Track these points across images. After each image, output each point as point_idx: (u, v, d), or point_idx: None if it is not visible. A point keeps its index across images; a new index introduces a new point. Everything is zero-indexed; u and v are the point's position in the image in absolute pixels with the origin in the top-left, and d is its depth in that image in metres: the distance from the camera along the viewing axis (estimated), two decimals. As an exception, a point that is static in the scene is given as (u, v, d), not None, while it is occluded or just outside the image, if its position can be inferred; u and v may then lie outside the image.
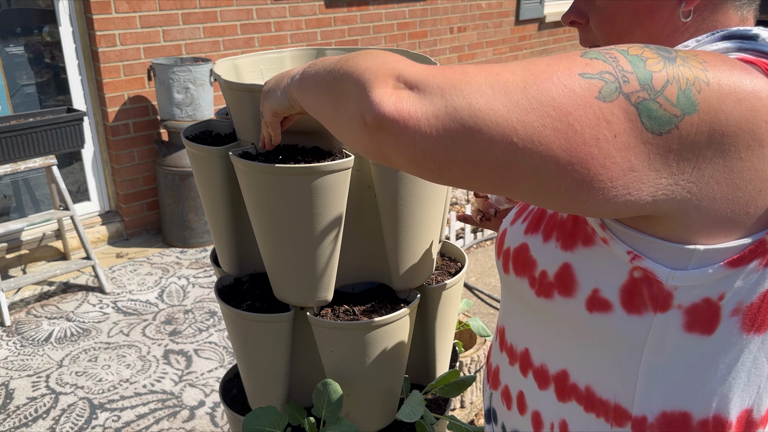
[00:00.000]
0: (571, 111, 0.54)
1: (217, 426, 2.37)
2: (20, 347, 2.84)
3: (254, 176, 1.10)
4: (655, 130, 0.56)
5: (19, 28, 3.51)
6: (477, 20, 5.59)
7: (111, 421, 2.38)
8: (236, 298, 1.30)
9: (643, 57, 0.58)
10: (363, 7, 4.71)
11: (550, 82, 0.55)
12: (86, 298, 3.25)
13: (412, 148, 0.55)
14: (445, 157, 0.55)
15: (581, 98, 0.55)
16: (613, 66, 0.57)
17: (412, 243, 1.23)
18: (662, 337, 0.66)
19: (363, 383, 1.25)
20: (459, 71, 0.56)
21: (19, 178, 3.65)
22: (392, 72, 0.57)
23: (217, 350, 2.82)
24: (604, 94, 0.55)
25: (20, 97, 3.57)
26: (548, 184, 0.56)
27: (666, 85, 0.56)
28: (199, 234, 3.80)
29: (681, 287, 0.63)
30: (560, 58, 0.58)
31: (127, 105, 3.75)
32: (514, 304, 0.81)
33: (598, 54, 0.58)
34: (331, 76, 0.66)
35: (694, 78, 0.57)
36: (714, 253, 0.61)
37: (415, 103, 0.55)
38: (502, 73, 0.56)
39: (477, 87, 0.54)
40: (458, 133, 0.54)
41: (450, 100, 0.54)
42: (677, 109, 0.56)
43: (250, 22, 4.12)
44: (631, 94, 0.55)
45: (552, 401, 0.76)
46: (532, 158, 0.54)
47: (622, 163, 0.55)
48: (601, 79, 0.56)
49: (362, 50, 0.69)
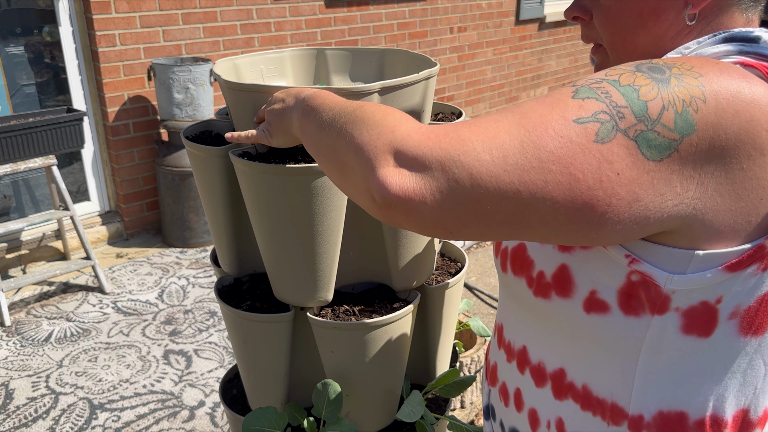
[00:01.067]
0: (571, 162, 0.55)
1: (217, 426, 2.37)
2: (20, 347, 2.84)
3: (254, 176, 1.10)
4: (655, 158, 0.56)
5: (19, 28, 3.51)
6: (477, 20, 5.58)
7: (111, 422, 2.38)
8: (236, 298, 1.30)
9: (636, 85, 0.57)
10: (363, 7, 4.71)
11: (547, 136, 0.56)
12: (86, 298, 3.25)
13: (422, 221, 0.58)
14: (455, 224, 0.57)
15: (579, 146, 0.55)
16: (606, 103, 0.57)
17: (412, 243, 1.23)
18: (659, 339, 0.66)
19: (363, 383, 1.25)
20: (455, 138, 0.57)
21: (19, 178, 3.64)
22: (390, 148, 0.59)
23: (217, 350, 2.82)
24: (602, 136, 0.56)
25: (20, 97, 3.57)
26: (558, 229, 0.58)
27: (662, 112, 0.56)
28: (199, 234, 3.79)
29: (679, 291, 0.63)
30: (553, 104, 0.58)
31: (127, 105, 3.75)
32: (512, 302, 0.81)
33: (590, 91, 0.58)
34: (329, 140, 0.68)
35: (690, 98, 0.57)
36: (713, 258, 0.61)
37: (418, 181, 0.56)
38: (498, 135, 0.56)
39: (475, 155, 0.55)
40: (464, 203, 0.56)
41: (451, 173, 0.56)
42: (675, 134, 0.56)
43: (250, 22, 4.12)
44: (628, 129, 0.56)
45: (549, 399, 0.76)
46: (539, 213, 0.56)
47: (627, 197, 0.56)
48: (597, 120, 0.56)
49: (352, 108, 0.69)
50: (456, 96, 5.58)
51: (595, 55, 0.79)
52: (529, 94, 6.41)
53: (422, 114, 1.23)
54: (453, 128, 0.58)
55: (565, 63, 6.78)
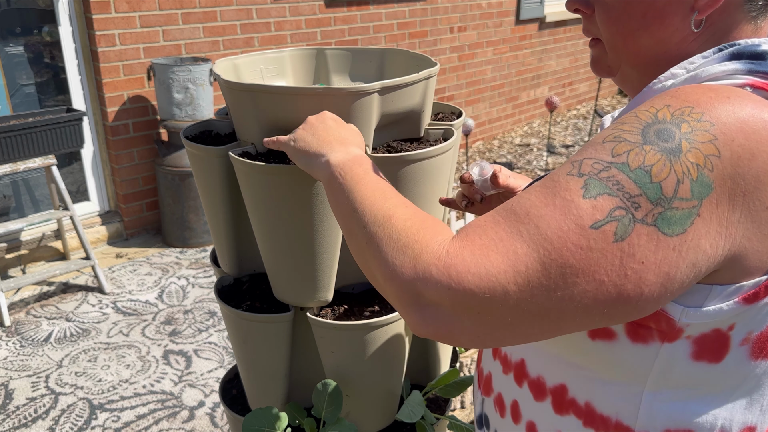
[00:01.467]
0: (594, 269, 0.55)
1: (216, 426, 2.36)
2: (20, 347, 2.84)
3: (254, 176, 1.10)
4: (678, 231, 0.55)
5: (19, 28, 3.51)
6: (477, 20, 5.58)
7: (110, 422, 2.37)
8: (236, 298, 1.30)
9: (647, 166, 0.55)
10: (363, 6, 4.71)
11: (567, 252, 0.55)
12: (86, 298, 3.25)
13: (460, 345, 0.62)
14: (496, 343, 0.61)
15: (600, 251, 0.55)
16: (620, 197, 0.55)
17: (413, 243, 1.23)
18: (669, 365, 0.65)
19: (363, 383, 1.25)
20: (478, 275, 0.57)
21: (18, 178, 3.64)
22: (414, 288, 0.61)
23: (217, 350, 2.82)
24: (620, 234, 0.55)
25: (20, 97, 3.57)
26: (600, 323, 0.58)
27: (677, 186, 0.55)
28: (198, 234, 3.79)
29: (693, 324, 0.62)
30: (565, 209, 0.56)
31: (127, 105, 3.74)
32: None
33: (601, 186, 0.56)
34: (357, 239, 0.72)
35: (704, 159, 0.55)
36: (730, 291, 0.60)
37: (448, 321, 0.59)
38: (518, 261, 0.56)
39: (501, 291, 0.56)
40: (498, 331, 0.58)
41: (479, 314, 0.58)
42: (694, 201, 0.55)
43: (250, 21, 4.12)
44: (645, 217, 0.55)
45: (549, 413, 0.74)
46: (573, 321, 0.57)
47: (658, 279, 0.55)
48: (612, 219, 0.55)
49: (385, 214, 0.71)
50: (456, 96, 5.58)
51: (593, 49, 0.77)
52: (529, 94, 6.41)
53: (422, 114, 1.23)
54: (474, 260, 0.58)
55: (566, 63, 6.78)
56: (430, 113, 1.28)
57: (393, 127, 1.21)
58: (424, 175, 1.16)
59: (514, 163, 5.26)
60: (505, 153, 5.59)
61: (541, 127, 6.34)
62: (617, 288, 0.55)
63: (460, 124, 1.31)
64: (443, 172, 1.21)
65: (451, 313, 0.59)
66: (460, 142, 2.45)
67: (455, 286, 0.57)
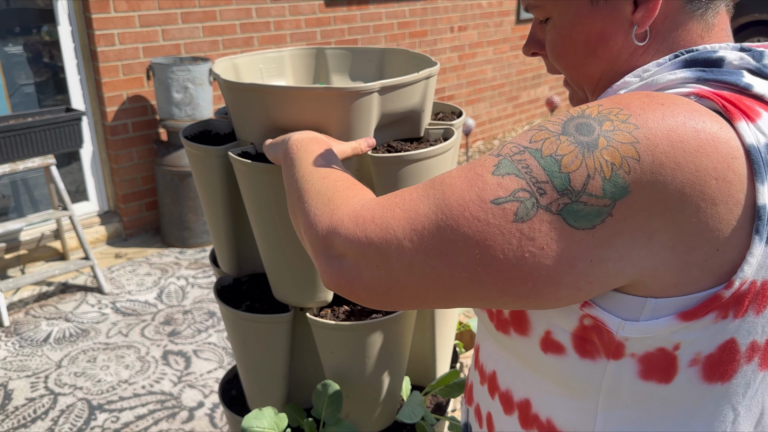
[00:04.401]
0: (490, 244, 0.56)
1: (216, 427, 2.36)
2: (19, 348, 2.83)
3: (254, 176, 1.09)
4: (586, 226, 0.54)
5: (18, 27, 3.50)
6: (477, 19, 5.58)
7: (110, 422, 2.37)
8: (235, 298, 1.29)
9: (558, 155, 0.55)
10: (363, 6, 4.70)
11: (463, 220, 0.57)
12: (85, 298, 3.25)
13: (361, 301, 0.65)
14: (393, 303, 0.64)
15: (498, 227, 0.56)
16: (526, 179, 0.55)
17: (413, 243, 1.22)
18: (617, 383, 0.63)
19: (363, 384, 1.24)
20: (381, 226, 0.61)
21: (17, 178, 3.64)
22: (326, 237, 0.65)
23: (217, 351, 2.81)
24: (521, 215, 0.55)
25: (19, 96, 3.56)
26: (496, 301, 0.60)
27: (587, 181, 0.54)
28: (198, 234, 3.79)
29: (632, 338, 0.60)
30: (472, 181, 0.58)
31: (126, 104, 3.74)
32: (482, 327, 0.79)
33: (511, 166, 0.57)
34: (292, 199, 0.78)
35: (620, 159, 0.53)
36: (666, 306, 0.58)
37: (351, 271, 0.63)
38: (417, 219, 0.59)
39: (397, 244, 0.59)
40: (394, 289, 0.61)
41: (377, 264, 0.61)
42: (606, 199, 0.54)
43: (250, 21, 4.11)
44: (550, 204, 0.54)
45: (516, 427, 0.74)
46: (469, 291, 0.59)
47: (559, 267, 0.55)
48: (515, 199, 0.55)
49: (316, 175, 0.78)
50: (456, 95, 5.58)
51: (567, 87, 0.76)
52: (529, 94, 6.40)
53: (422, 113, 1.22)
54: (381, 212, 0.62)
55: (565, 62, 6.77)
56: (430, 113, 1.28)
57: (393, 126, 1.20)
58: (425, 175, 1.16)
59: (514, 163, 5.26)
60: (504, 153, 5.59)
61: (541, 127, 6.33)
62: (512, 266, 0.56)
63: (460, 124, 1.30)
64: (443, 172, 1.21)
65: (354, 265, 0.62)
66: (460, 141, 2.44)
67: (358, 234, 0.61)
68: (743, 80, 0.60)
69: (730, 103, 0.57)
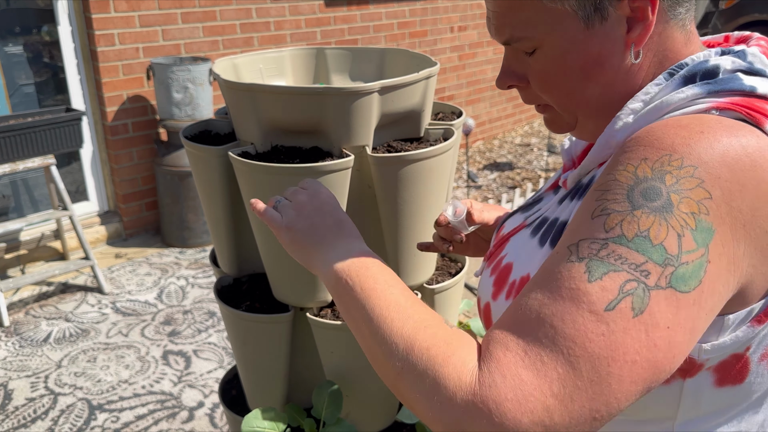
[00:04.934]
0: (623, 351, 0.52)
1: (216, 427, 2.36)
2: (19, 348, 2.83)
3: (254, 176, 1.09)
4: (694, 286, 0.53)
5: (18, 27, 3.50)
6: (477, 19, 5.58)
7: (110, 422, 2.37)
8: (235, 298, 1.29)
9: (643, 232, 0.53)
10: (363, 6, 4.70)
11: (591, 345, 0.52)
12: (85, 298, 3.25)
13: None
14: None
15: (622, 331, 0.52)
16: (626, 269, 0.53)
17: (412, 243, 1.22)
18: (695, 398, 0.64)
19: (363, 384, 1.24)
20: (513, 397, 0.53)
21: (17, 178, 3.64)
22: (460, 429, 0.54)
23: (217, 351, 2.81)
24: (638, 307, 0.52)
25: (19, 96, 3.56)
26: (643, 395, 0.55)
27: (680, 241, 0.53)
28: (198, 234, 3.79)
29: (712, 357, 0.62)
30: (574, 299, 0.53)
31: (126, 104, 3.74)
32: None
33: (603, 265, 0.54)
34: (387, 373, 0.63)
35: (697, 206, 0.54)
36: (743, 316, 0.60)
37: None
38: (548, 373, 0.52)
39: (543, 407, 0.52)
40: None
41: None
42: (701, 249, 0.53)
43: (250, 21, 4.11)
44: (659, 281, 0.53)
45: None
46: (619, 405, 0.53)
47: (685, 337, 0.54)
48: (625, 294, 0.53)
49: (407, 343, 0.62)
50: (456, 95, 5.58)
51: (544, 113, 0.74)
52: (528, 94, 6.40)
53: (422, 113, 1.22)
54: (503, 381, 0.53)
55: (565, 62, 6.77)
56: (430, 113, 1.28)
57: (393, 126, 1.21)
58: (425, 175, 1.16)
59: (515, 163, 5.26)
60: (505, 153, 5.58)
61: (542, 127, 6.33)
62: (650, 362, 0.53)
63: (460, 124, 1.30)
64: (443, 172, 1.21)
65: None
66: (460, 141, 2.44)
67: (498, 420, 0.53)
68: (746, 84, 0.61)
69: (750, 109, 0.58)
